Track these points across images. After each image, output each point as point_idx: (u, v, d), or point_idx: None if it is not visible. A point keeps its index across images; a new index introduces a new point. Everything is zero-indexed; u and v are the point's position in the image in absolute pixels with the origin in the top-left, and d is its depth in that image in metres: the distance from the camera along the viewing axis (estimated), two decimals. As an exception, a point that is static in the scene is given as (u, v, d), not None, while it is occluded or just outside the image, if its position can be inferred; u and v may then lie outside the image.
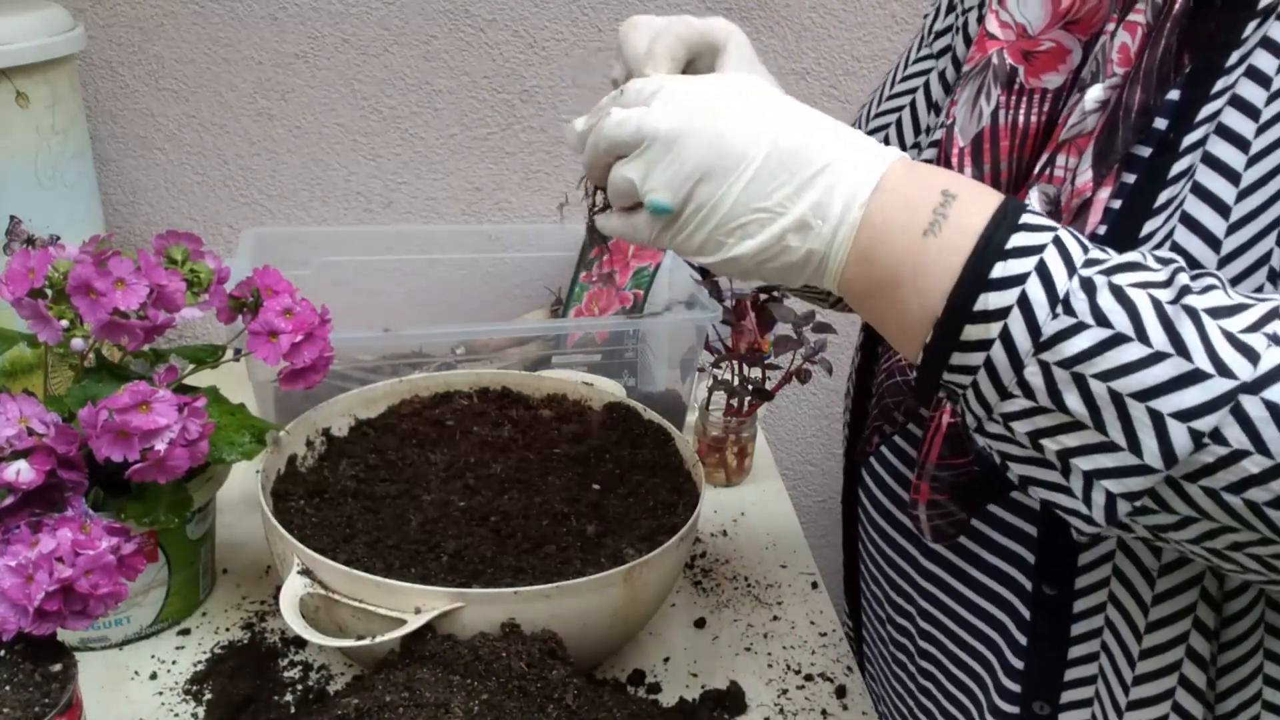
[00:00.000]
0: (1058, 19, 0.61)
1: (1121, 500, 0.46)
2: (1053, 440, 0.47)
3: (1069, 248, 0.47)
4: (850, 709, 0.73)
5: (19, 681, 0.56)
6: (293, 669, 0.72)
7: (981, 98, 0.63)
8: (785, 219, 0.50)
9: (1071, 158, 0.58)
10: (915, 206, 0.49)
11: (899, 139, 0.78)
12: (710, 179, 0.50)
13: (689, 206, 0.51)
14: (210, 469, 0.75)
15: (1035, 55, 0.62)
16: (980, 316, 0.46)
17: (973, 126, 0.63)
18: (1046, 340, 0.45)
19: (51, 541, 0.57)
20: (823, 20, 1.20)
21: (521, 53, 1.19)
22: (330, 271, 1.11)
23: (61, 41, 0.94)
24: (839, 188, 0.49)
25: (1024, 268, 0.46)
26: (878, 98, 0.81)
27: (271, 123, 1.19)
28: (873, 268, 0.50)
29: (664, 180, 0.51)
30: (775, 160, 0.50)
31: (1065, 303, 0.45)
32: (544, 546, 0.72)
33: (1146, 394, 0.44)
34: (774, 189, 0.50)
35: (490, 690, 0.60)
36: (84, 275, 0.63)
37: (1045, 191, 0.58)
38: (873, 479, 0.73)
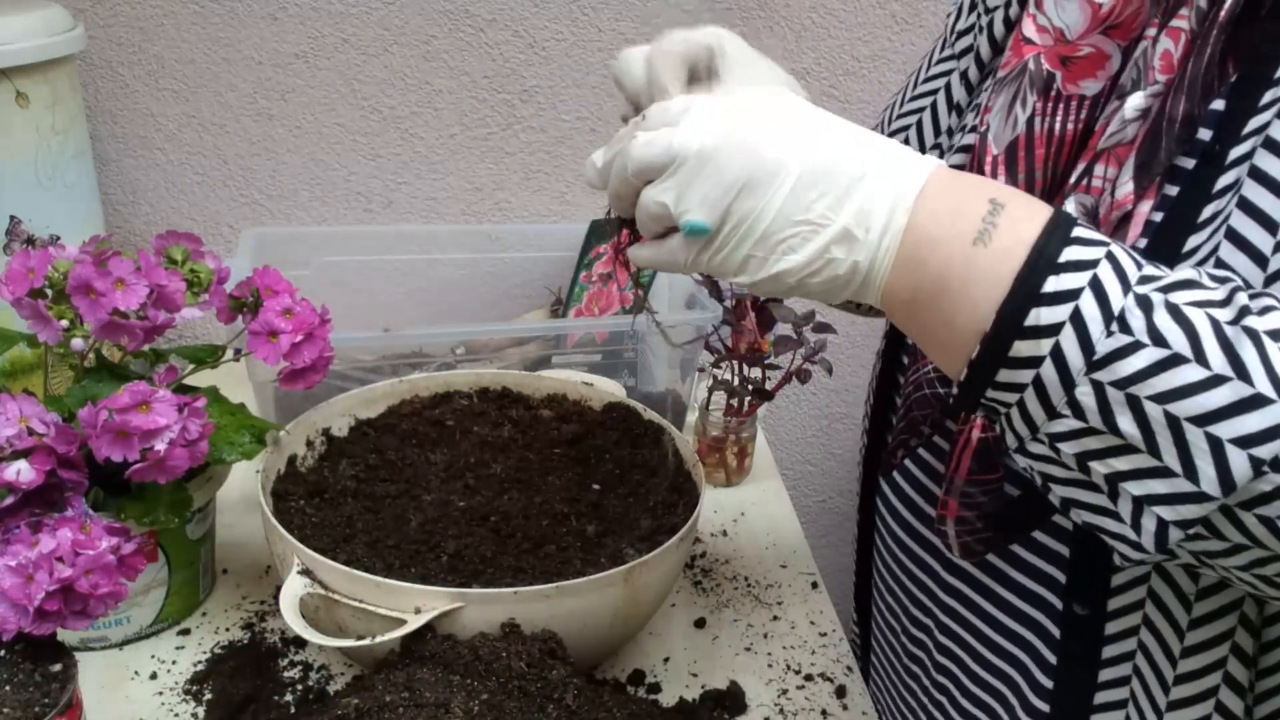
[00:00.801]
0: (1097, 23, 0.59)
1: (1174, 527, 0.45)
2: (1102, 463, 0.46)
3: (1123, 263, 0.45)
4: (850, 709, 0.73)
5: (19, 681, 0.56)
6: (293, 669, 0.72)
7: (1017, 104, 0.61)
8: (829, 230, 0.48)
9: (1110, 168, 0.56)
10: (963, 213, 0.47)
11: (919, 141, 0.77)
12: (749, 194, 0.49)
13: (727, 224, 0.49)
14: (210, 469, 0.75)
15: (1073, 61, 0.60)
16: (1031, 332, 0.45)
17: (1007, 134, 0.61)
18: (1101, 358, 0.44)
19: (51, 541, 0.57)
20: (823, 20, 1.20)
21: (521, 53, 1.19)
22: (330, 271, 1.11)
23: (61, 41, 0.94)
24: (882, 194, 0.48)
25: (1078, 282, 0.44)
26: (899, 100, 0.80)
27: (271, 123, 1.19)
28: (919, 276, 0.48)
29: (700, 198, 0.49)
30: (814, 170, 0.48)
31: (1121, 320, 0.44)
32: (544, 546, 0.72)
33: (1205, 418, 0.43)
34: (815, 200, 0.48)
35: (490, 690, 0.60)
36: (84, 275, 0.63)
37: (1082, 202, 0.56)
38: (893, 490, 0.72)
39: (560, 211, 1.26)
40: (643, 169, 0.51)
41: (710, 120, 0.50)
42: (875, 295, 0.50)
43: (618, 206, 0.55)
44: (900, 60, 1.22)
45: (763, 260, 0.50)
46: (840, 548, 1.44)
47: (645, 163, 0.51)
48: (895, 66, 1.22)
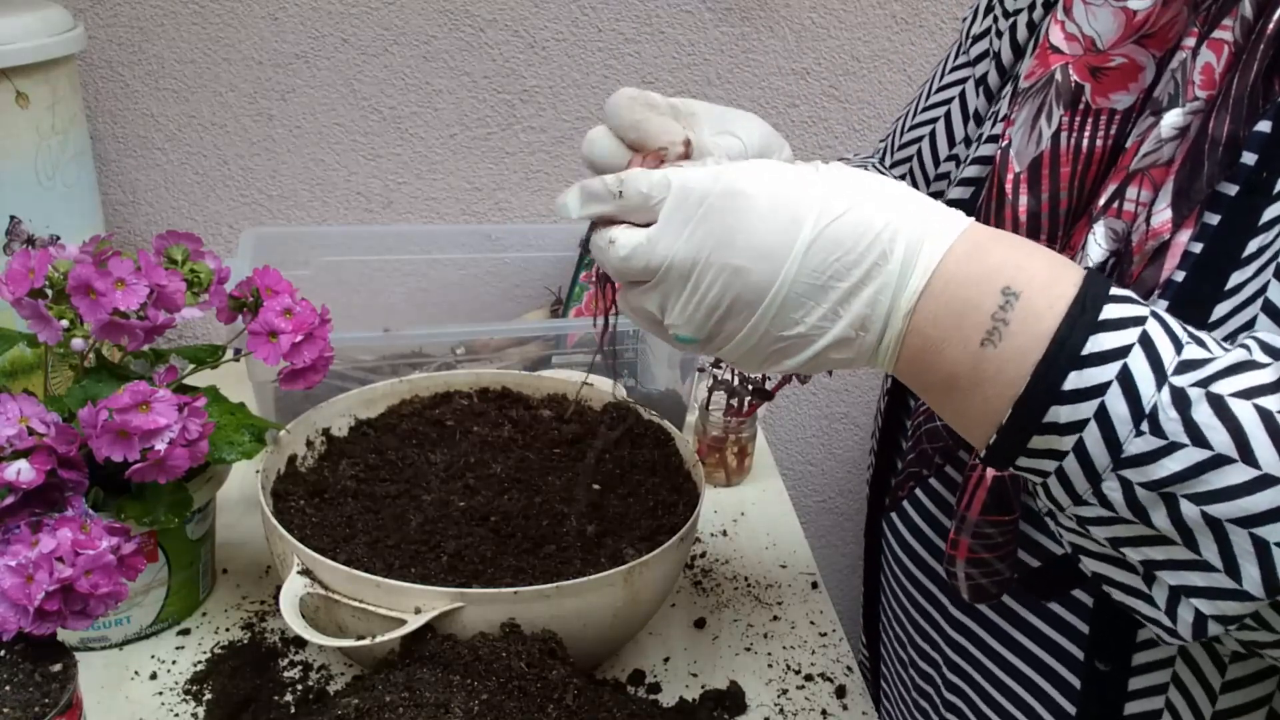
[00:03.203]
0: (1131, 32, 0.55)
1: (1213, 621, 0.42)
2: (1135, 550, 0.43)
3: (1159, 348, 0.41)
4: (850, 709, 0.73)
5: (19, 681, 0.56)
6: (293, 669, 0.72)
7: (1042, 118, 0.57)
8: (824, 339, 0.46)
9: (1144, 190, 0.52)
10: (970, 312, 0.44)
11: (932, 153, 0.74)
12: (734, 314, 0.46)
13: (715, 340, 0.48)
14: (210, 469, 0.75)
15: (1104, 72, 0.55)
16: (1050, 429, 0.42)
17: (1031, 149, 0.57)
18: (1128, 459, 0.41)
19: (51, 541, 0.57)
20: (823, 20, 1.20)
21: (521, 53, 1.19)
22: (330, 271, 1.11)
23: (61, 41, 0.94)
24: (880, 298, 0.45)
25: (1103, 376, 0.41)
26: (912, 110, 0.78)
27: (271, 123, 1.19)
28: (924, 374, 0.46)
29: (685, 317, 0.47)
30: (805, 282, 0.45)
31: (1152, 420, 0.41)
32: (544, 546, 0.72)
33: (1250, 520, 0.40)
34: (806, 314, 0.46)
35: (490, 690, 0.60)
36: (84, 275, 0.63)
37: (1113, 227, 0.53)
38: (901, 519, 0.70)
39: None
40: (623, 277, 0.49)
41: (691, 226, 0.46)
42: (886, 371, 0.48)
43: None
44: (900, 60, 1.22)
45: (758, 363, 0.48)
46: (840, 548, 1.44)
47: (625, 275, 0.49)
48: (895, 66, 1.22)
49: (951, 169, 0.72)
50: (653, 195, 0.47)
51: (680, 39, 1.19)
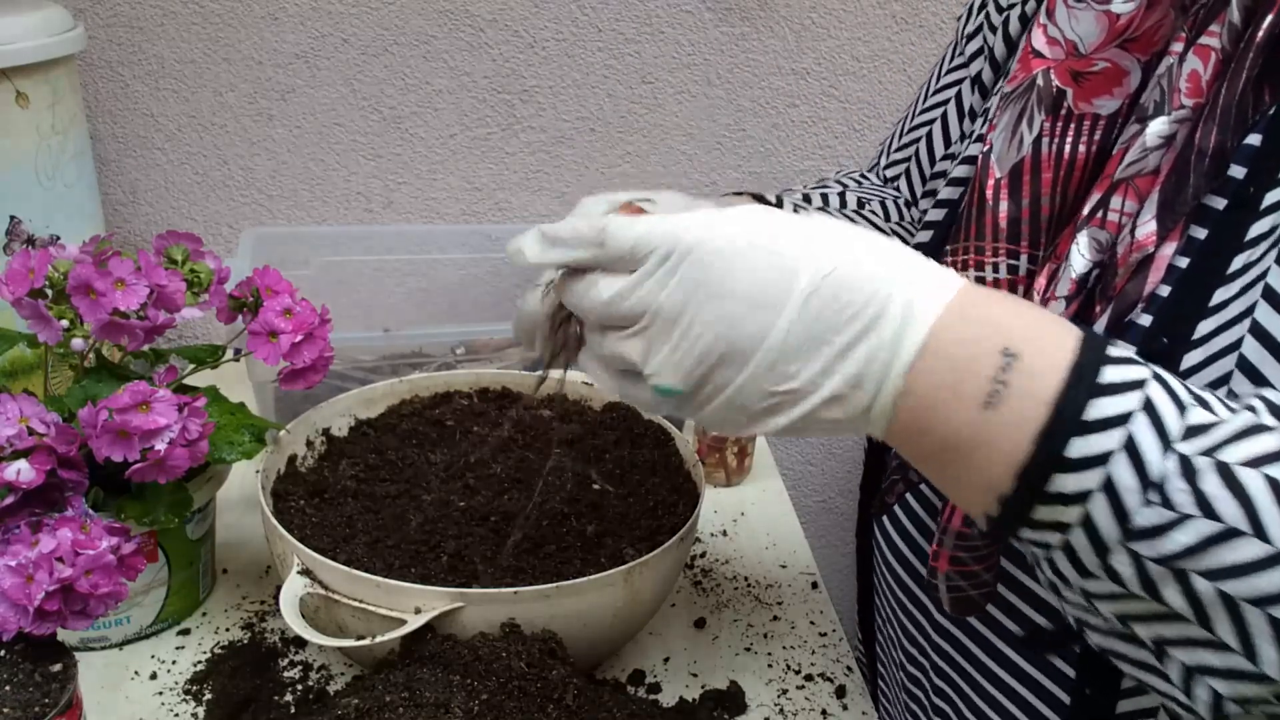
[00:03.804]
0: (1114, 36, 0.53)
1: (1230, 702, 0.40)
2: (1146, 627, 0.41)
3: (1162, 414, 0.40)
4: (850, 709, 0.73)
5: (19, 681, 0.56)
6: (293, 669, 0.72)
7: (1023, 123, 0.56)
8: (817, 395, 0.43)
9: (1129, 200, 0.50)
10: (969, 372, 0.42)
11: (929, 152, 0.73)
12: (726, 364, 0.43)
13: (702, 392, 0.44)
14: (210, 469, 0.75)
15: (1087, 77, 0.54)
16: (1055, 499, 0.40)
17: (1012, 155, 0.56)
18: (1139, 531, 0.39)
19: (51, 541, 0.57)
20: (823, 20, 1.20)
21: (521, 53, 1.19)
22: (330, 271, 1.11)
23: (61, 41, 0.94)
24: (877, 353, 0.42)
25: (1108, 444, 0.39)
26: (910, 114, 0.78)
27: (271, 123, 1.19)
28: (920, 439, 0.43)
29: (671, 364, 0.44)
30: (801, 333, 0.42)
31: (1160, 490, 0.39)
32: (544, 546, 0.72)
33: (1265, 600, 0.38)
34: (801, 367, 0.43)
35: (490, 690, 0.60)
36: (84, 275, 0.63)
37: (1097, 237, 0.51)
38: (891, 523, 0.70)
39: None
40: (604, 321, 0.46)
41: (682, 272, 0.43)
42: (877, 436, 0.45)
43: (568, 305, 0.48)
44: (900, 60, 1.22)
45: (744, 424, 0.45)
46: (840, 548, 1.44)
47: (606, 319, 0.45)
48: (895, 66, 1.22)
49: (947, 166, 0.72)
50: (640, 248, 0.44)
51: (680, 39, 1.19)
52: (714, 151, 1.24)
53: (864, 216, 0.78)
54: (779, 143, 1.25)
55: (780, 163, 1.25)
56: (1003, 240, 0.56)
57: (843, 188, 0.81)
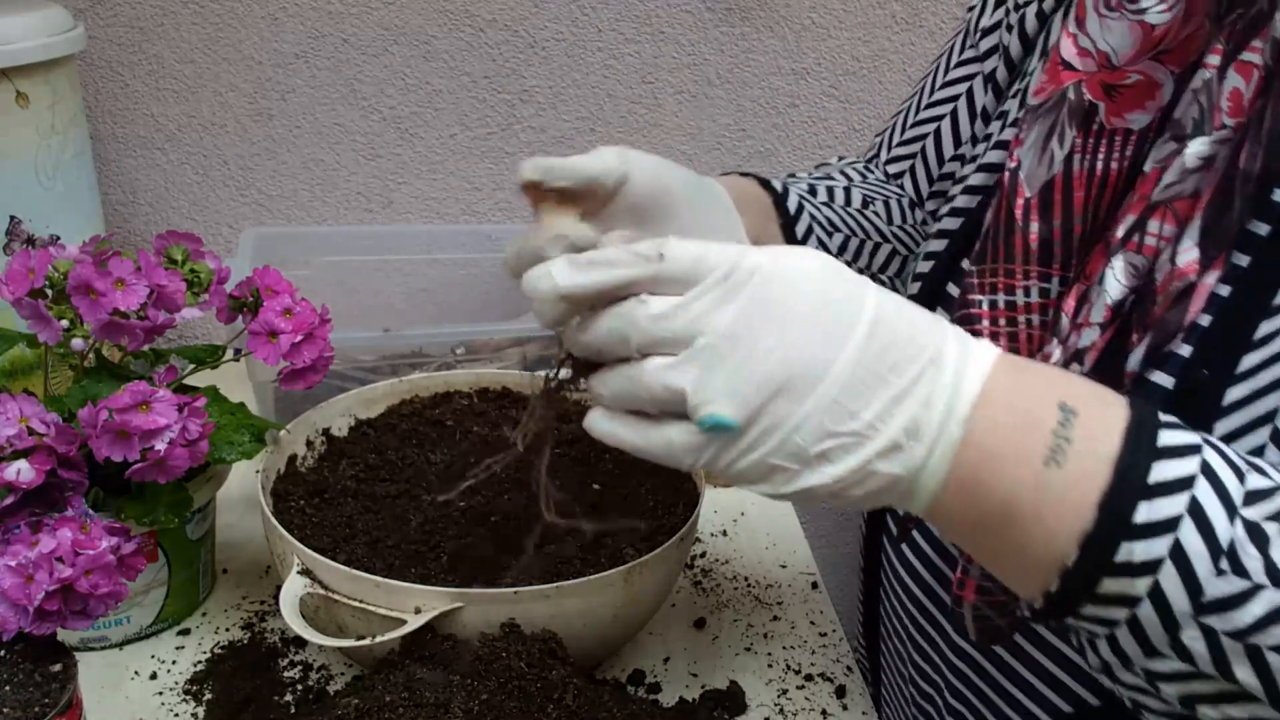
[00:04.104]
0: (1149, 47, 0.51)
1: None
2: (1214, 709, 0.40)
3: (1223, 478, 0.38)
4: (850, 709, 0.73)
5: (19, 681, 0.56)
6: (293, 669, 0.72)
7: (1053, 140, 0.53)
8: (875, 442, 0.40)
9: (1166, 224, 0.48)
10: (1031, 425, 0.40)
11: (937, 151, 0.71)
12: (786, 396, 0.40)
13: (756, 427, 0.40)
14: (210, 469, 0.75)
15: (1119, 90, 0.52)
16: (1123, 569, 0.38)
17: (1041, 173, 0.53)
18: (1211, 603, 0.37)
19: (51, 541, 0.57)
20: (823, 20, 1.20)
21: (521, 53, 1.19)
22: (330, 271, 1.11)
23: (61, 41, 0.94)
24: (935, 398, 0.40)
25: (1174, 509, 0.38)
26: (913, 106, 0.75)
27: (271, 123, 1.19)
28: (979, 498, 0.40)
29: (729, 390, 0.40)
30: (865, 368, 0.40)
31: (1232, 557, 0.37)
32: (543, 546, 0.72)
33: None
34: (862, 406, 0.40)
35: (490, 690, 0.60)
36: (84, 275, 0.63)
37: (1133, 262, 0.49)
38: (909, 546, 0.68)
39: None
40: (651, 344, 0.41)
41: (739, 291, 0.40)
42: (920, 509, 0.42)
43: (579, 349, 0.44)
44: (900, 60, 1.22)
45: (794, 474, 0.41)
46: (840, 548, 1.44)
47: (654, 340, 0.41)
48: (895, 66, 1.22)
49: (956, 168, 0.70)
50: (700, 266, 0.41)
51: (680, 39, 1.19)
52: (714, 151, 1.24)
53: (866, 217, 0.76)
54: (779, 143, 1.25)
55: (780, 163, 1.25)
56: (1034, 262, 0.54)
57: (848, 181, 0.79)
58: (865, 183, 0.80)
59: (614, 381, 0.43)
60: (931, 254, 0.67)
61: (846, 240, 0.74)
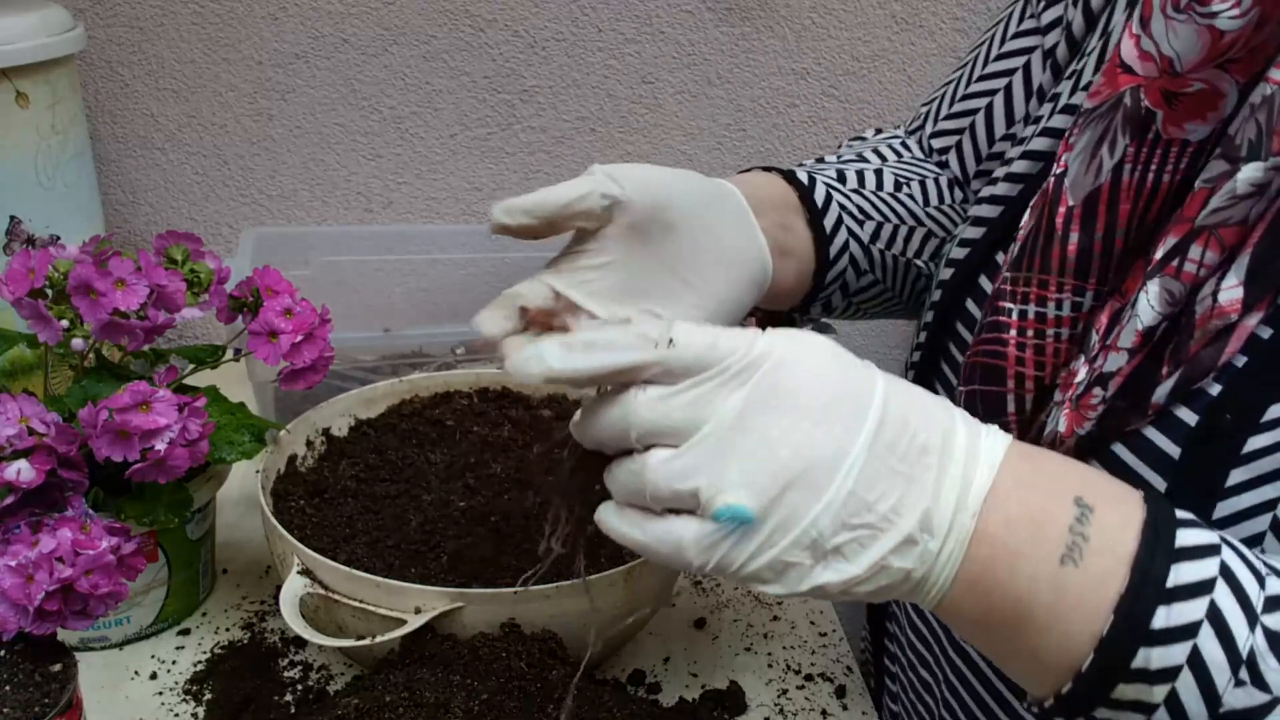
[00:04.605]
0: (1216, 55, 0.47)
1: None
2: None
3: (1242, 582, 0.37)
4: (850, 709, 0.73)
5: (19, 681, 0.56)
6: (293, 669, 0.72)
7: (1104, 147, 0.50)
8: (890, 535, 0.39)
9: (1209, 251, 0.45)
10: (1045, 521, 0.39)
11: (988, 129, 0.67)
12: (803, 484, 0.38)
13: (773, 518, 0.38)
14: (210, 469, 0.75)
15: (1180, 98, 0.48)
16: (1140, 675, 0.37)
17: (1088, 181, 0.50)
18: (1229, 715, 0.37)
19: (51, 541, 0.57)
20: (823, 20, 1.20)
21: (521, 53, 1.19)
22: (330, 271, 1.11)
23: (61, 41, 0.94)
24: (946, 490, 0.39)
25: (1193, 614, 0.37)
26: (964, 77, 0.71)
27: (271, 123, 1.19)
28: (992, 596, 0.39)
29: (743, 477, 0.38)
30: (878, 459, 0.39)
31: (1252, 667, 0.36)
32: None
33: None
34: (878, 497, 0.38)
35: (490, 690, 0.60)
36: (84, 275, 0.63)
37: (1169, 289, 0.47)
38: None
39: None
40: (653, 435, 0.40)
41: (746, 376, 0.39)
42: (931, 604, 0.41)
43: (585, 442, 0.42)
44: (900, 60, 1.22)
45: (807, 570, 0.39)
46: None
47: (658, 430, 0.39)
48: (895, 66, 1.22)
49: (1006, 148, 0.66)
50: (708, 355, 0.39)
51: (680, 39, 1.19)
52: (714, 151, 1.24)
53: (900, 200, 0.72)
54: (779, 143, 1.25)
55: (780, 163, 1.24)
56: (1069, 275, 0.52)
57: (880, 162, 0.74)
58: (900, 161, 0.75)
59: (620, 476, 0.42)
60: (967, 240, 0.65)
61: (879, 227, 0.70)
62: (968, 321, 0.63)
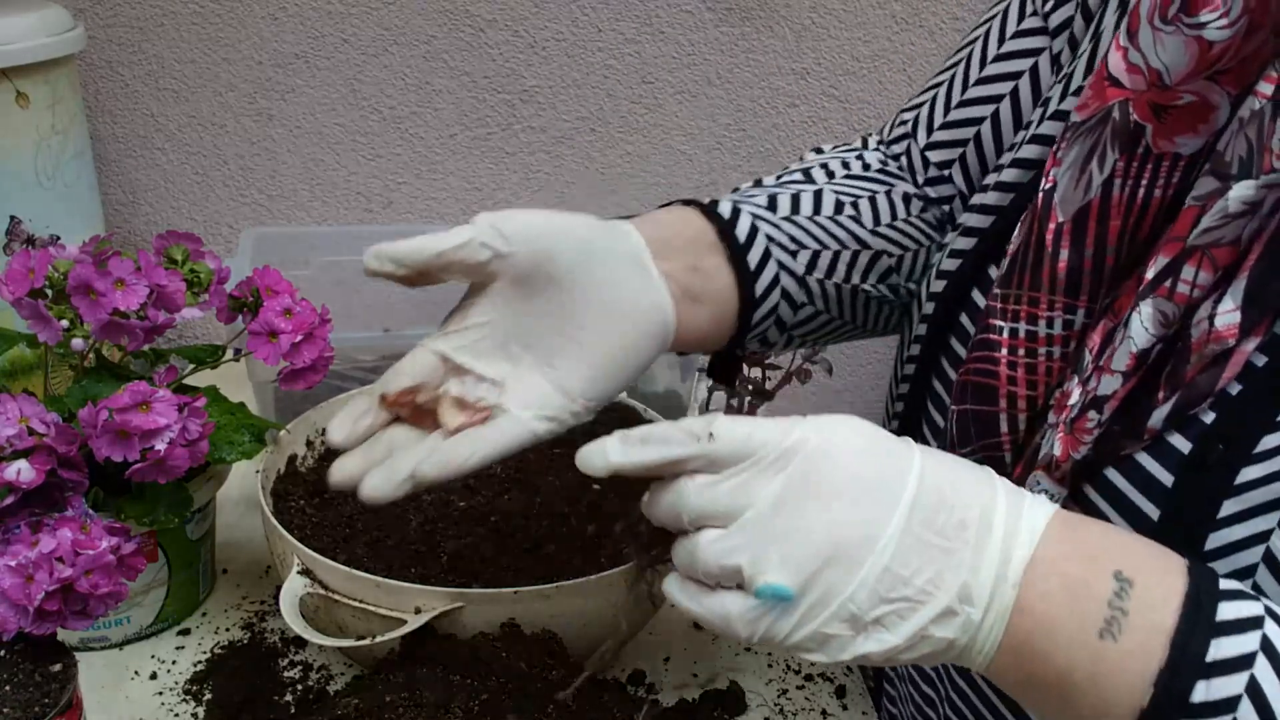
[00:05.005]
0: (1205, 66, 0.46)
1: None
2: None
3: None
4: (850, 709, 0.73)
5: (19, 681, 0.56)
6: (293, 669, 0.72)
7: (1093, 161, 0.49)
8: (929, 607, 0.40)
9: (1203, 271, 0.45)
10: (1085, 594, 0.39)
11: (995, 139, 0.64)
12: (839, 562, 0.40)
13: (810, 594, 0.41)
14: (210, 469, 0.75)
15: (1169, 111, 0.47)
16: None
17: (1077, 197, 0.50)
18: None
19: (51, 541, 0.57)
20: (823, 20, 1.20)
21: (521, 53, 1.19)
22: (330, 271, 1.10)
23: (61, 41, 0.94)
24: (985, 564, 0.40)
25: (1232, 688, 0.37)
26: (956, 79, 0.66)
27: (271, 123, 1.19)
28: (1034, 665, 0.40)
29: (782, 557, 0.41)
30: (913, 535, 0.40)
31: None
32: (544, 546, 0.72)
33: None
34: (914, 572, 0.40)
35: (490, 690, 0.60)
36: (84, 275, 0.63)
37: (1163, 310, 0.46)
38: None
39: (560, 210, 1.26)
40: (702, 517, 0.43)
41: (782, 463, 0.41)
42: (977, 668, 0.42)
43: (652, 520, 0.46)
44: (900, 60, 1.22)
45: (848, 640, 0.41)
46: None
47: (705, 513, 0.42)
48: (895, 66, 1.22)
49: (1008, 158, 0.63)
50: (747, 445, 0.42)
51: (680, 39, 1.19)
52: (714, 151, 1.25)
53: (839, 224, 0.66)
54: (779, 143, 1.25)
55: (780, 163, 1.25)
56: (1060, 293, 0.51)
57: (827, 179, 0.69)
58: (847, 178, 0.69)
59: (678, 552, 0.45)
60: (958, 252, 0.63)
61: (816, 255, 0.65)
62: (962, 336, 0.62)
